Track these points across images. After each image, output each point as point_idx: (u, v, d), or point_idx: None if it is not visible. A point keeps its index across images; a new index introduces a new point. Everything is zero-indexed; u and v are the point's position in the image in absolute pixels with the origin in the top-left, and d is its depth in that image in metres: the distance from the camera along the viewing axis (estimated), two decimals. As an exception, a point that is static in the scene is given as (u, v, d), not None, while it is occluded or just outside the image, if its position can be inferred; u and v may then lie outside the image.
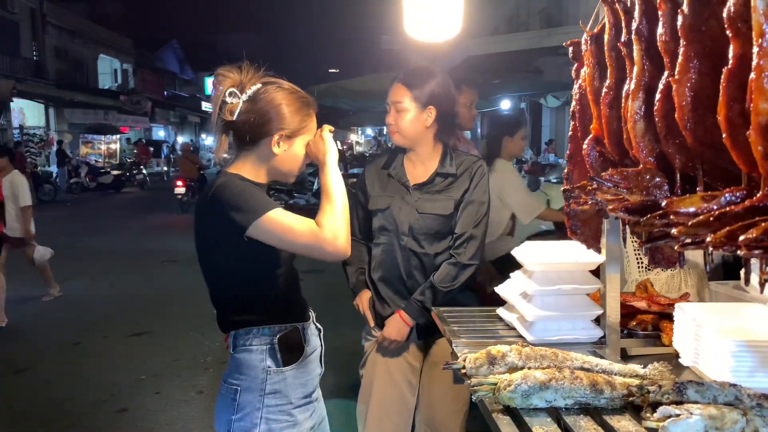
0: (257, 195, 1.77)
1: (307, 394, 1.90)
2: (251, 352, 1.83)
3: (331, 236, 1.73)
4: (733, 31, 0.91)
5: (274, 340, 1.83)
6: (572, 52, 1.63)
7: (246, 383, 1.83)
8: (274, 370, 1.82)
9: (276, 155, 1.84)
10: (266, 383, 1.82)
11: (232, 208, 1.73)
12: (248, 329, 1.84)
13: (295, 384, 1.86)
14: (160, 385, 4.73)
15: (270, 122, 1.80)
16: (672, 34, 1.10)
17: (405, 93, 2.47)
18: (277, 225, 1.72)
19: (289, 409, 1.85)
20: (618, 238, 1.81)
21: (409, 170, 2.57)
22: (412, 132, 2.50)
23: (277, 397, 1.83)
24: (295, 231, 1.73)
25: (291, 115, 1.83)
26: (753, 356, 1.52)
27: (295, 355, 1.86)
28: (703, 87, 1.02)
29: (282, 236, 1.73)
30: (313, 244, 1.73)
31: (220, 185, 1.78)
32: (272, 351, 1.83)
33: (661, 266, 1.44)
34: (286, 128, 1.82)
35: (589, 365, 1.60)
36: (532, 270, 2.02)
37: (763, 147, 0.86)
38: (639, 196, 1.16)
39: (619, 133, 1.32)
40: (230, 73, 1.81)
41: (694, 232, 0.92)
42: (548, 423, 1.40)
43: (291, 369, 1.85)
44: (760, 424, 1.20)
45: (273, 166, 1.87)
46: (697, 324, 1.67)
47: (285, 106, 1.82)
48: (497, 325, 2.18)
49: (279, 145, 1.83)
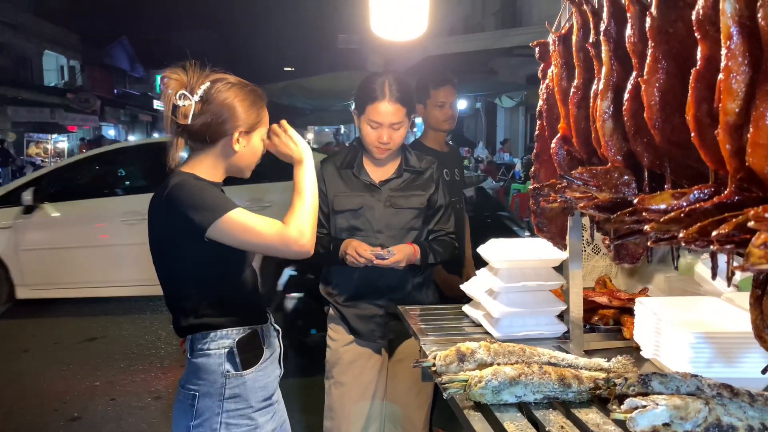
0: (216, 194, 1.74)
1: (267, 396, 1.88)
2: (209, 357, 1.80)
3: (297, 234, 1.73)
4: (702, 34, 0.94)
5: (233, 343, 1.80)
6: (538, 52, 1.66)
7: (204, 388, 1.79)
8: (233, 374, 1.80)
9: (236, 152, 1.82)
10: (225, 387, 1.79)
11: (190, 207, 1.69)
12: (206, 333, 1.80)
13: (255, 387, 1.83)
14: (115, 391, 4.59)
15: (228, 121, 1.78)
16: (640, 35, 1.13)
17: (402, 110, 2.43)
18: (238, 225, 1.69)
19: (250, 413, 1.82)
20: (580, 235, 1.85)
21: (370, 169, 2.55)
22: (400, 143, 2.51)
23: (236, 401, 1.80)
24: (258, 231, 1.71)
25: (246, 110, 1.81)
26: (711, 347, 1.58)
27: (254, 358, 1.84)
28: (670, 87, 1.06)
29: (243, 236, 1.70)
30: (277, 243, 1.71)
31: (177, 184, 1.74)
32: (231, 355, 1.80)
33: (626, 262, 1.48)
34: (244, 124, 1.80)
35: (556, 360, 1.63)
36: (497, 267, 2.05)
37: (730, 146, 0.89)
38: (608, 193, 1.19)
39: (587, 132, 1.35)
40: (176, 75, 1.77)
41: (666, 229, 0.95)
42: (518, 418, 1.42)
43: (250, 372, 1.82)
44: (722, 413, 1.24)
45: (233, 163, 1.85)
46: (657, 318, 1.72)
47: (239, 102, 1.80)
48: (463, 322, 2.20)
49: (239, 141, 1.81)
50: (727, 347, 1.58)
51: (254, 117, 1.82)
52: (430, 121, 3.17)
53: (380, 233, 2.50)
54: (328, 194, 2.54)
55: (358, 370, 2.54)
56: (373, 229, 2.49)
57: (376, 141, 2.45)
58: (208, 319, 1.81)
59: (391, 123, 2.41)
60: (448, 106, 3.12)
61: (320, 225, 2.55)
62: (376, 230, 2.49)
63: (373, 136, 2.44)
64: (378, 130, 2.43)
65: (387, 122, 2.41)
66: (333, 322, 2.60)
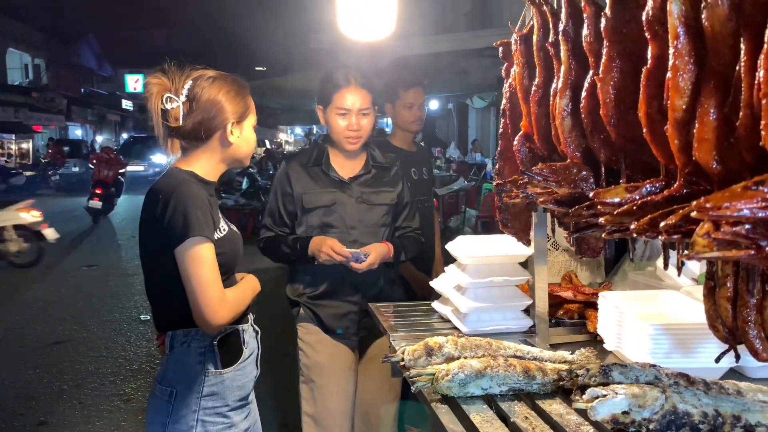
0: (197, 219, 1.72)
1: (243, 396, 1.89)
2: (189, 354, 1.80)
3: (224, 312, 1.74)
4: (651, 34, 0.98)
5: (214, 342, 1.80)
6: (502, 51, 1.69)
7: (183, 385, 1.79)
8: (212, 372, 1.80)
9: (232, 144, 1.85)
10: (204, 385, 1.79)
11: (171, 219, 1.70)
12: (187, 330, 1.80)
13: (233, 386, 1.84)
14: (83, 395, 4.52)
15: (218, 115, 1.81)
16: (596, 35, 1.17)
17: (368, 97, 2.47)
18: (191, 261, 1.70)
19: (225, 411, 1.83)
20: (545, 231, 1.90)
21: (338, 165, 2.55)
22: (369, 134, 2.52)
23: (214, 399, 1.80)
24: (201, 279, 1.71)
25: (233, 101, 1.83)
26: (669, 339, 1.63)
27: (234, 357, 1.84)
28: (624, 85, 1.09)
29: (188, 273, 1.71)
30: (203, 303, 1.71)
31: (174, 185, 1.75)
32: (211, 353, 1.80)
33: (587, 255, 1.52)
34: (233, 115, 1.83)
35: (522, 353, 1.67)
36: (465, 263, 2.08)
37: (679, 141, 0.93)
38: (567, 188, 1.23)
39: (547, 129, 1.39)
40: (157, 79, 1.79)
41: (619, 221, 0.99)
42: (485, 410, 1.45)
43: (229, 371, 1.83)
44: (678, 401, 1.29)
45: (230, 155, 1.87)
46: (618, 311, 1.77)
47: (225, 95, 1.82)
48: (432, 318, 2.23)
49: (233, 133, 1.84)
50: (685, 338, 1.63)
51: (242, 106, 1.86)
52: (398, 122, 3.19)
53: (353, 229, 2.50)
54: (294, 193, 2.52)
55: (336, 372, 2.52)
56: (347, 225, 2.50)
57: (346, 130, 2.46)
58: (190, 316, 1.79)
59: (359, 109, 2.45)
60: (416, 107, 3.13)
61: (282, 224, 2.55)
62: (350, 226, 2.50)
63: (342, 125, 2.46)
64: (347, 118, 2.45)
65: (355, 108, 2.45)
66: (304, 321, 2.58)
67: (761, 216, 0.71)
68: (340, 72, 2.48)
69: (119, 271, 2.30)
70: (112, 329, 5.90)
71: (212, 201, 1.84)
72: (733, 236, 0.75)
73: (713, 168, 0.89)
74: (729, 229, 0.74)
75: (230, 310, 1.78)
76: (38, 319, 6.42)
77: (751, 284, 1.06)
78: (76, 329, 6.05)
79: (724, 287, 1.11)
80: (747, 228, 0.75)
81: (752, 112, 0.80)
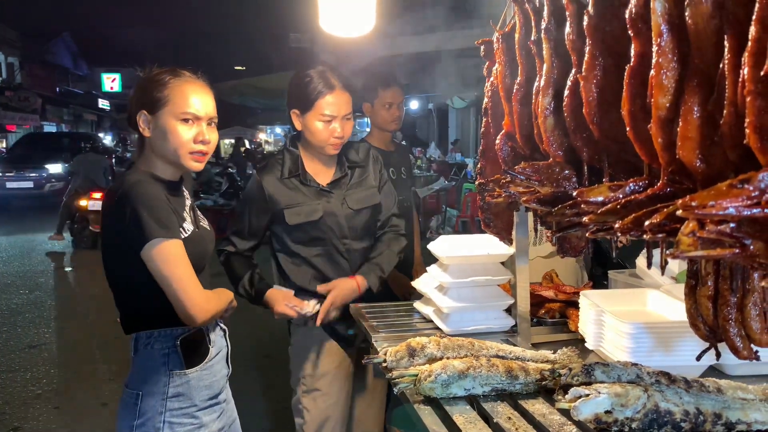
0: (157, 220, 1.69)
1: (212, 395, 1.86)
2: (153, 355, 1.78)
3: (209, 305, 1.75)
4: (635, 31, 0.98)
5: (177, 342, 1.78)
6: (483, 50, 1.68)
7: (148, 387, 1.77)
8: (176, 373, 1.78)
9: (149, 137, 1.80)
10: (168, 386, 1.77)
11: (131, 223, 1.67)
12: (150, 332, 1.79)
13: (200, 386, 1.82)
14: (59, 399, 4.43)
15: (131, 106, 1.81)
16: (578, 33, 1.16)
17: (350, 100, 2.37)
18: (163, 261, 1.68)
19: (193, 412, 1.80)
20: (526, 231, 1.89)
21: (315, 172, 2.43)
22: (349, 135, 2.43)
23: (180, 400, 1.78)
24: (178, 277, 1.69)
25: (144, 91, 1.79)
26: (650, 337, 1.64)
27: (199, 357, 1.82)
28: (607, 83, 1.09)
29: (162, 274, 1.68)
30: (186, 299, 1.69)
31: (132, 185, 1.71)
32: (175, 354, 1.78)
33: (569, 255, 1.52)
34: (143, 105, 1.78)
35: (504, 353, 1.67)
36: (446, 263, 2.07)
37: (662, 139, 0.93)
38: (550, 187, 1.22)
39: (529, 128, 1.38)
40: None
41: (603, 220, 0.98)
42: (468, 410, 1.44)
43: (195, 371, 1.80)
44: (659, 399, 1.29)
45: (157, 151, 1.80)
46: (599, 310, 1.77)
47: (139, 85, 1.82)
48: (414, 318, 2.22)
49: (143, 125, 1.79)
50: (666, 336, 1.64)
51: (154, 96, 1.77)
52: (377, 121, 3.17)
53: (346, 239, 2.40)
54: (274, 209, 2.37)
55: (332, 375, 2.44)
56: (338, 236, 2.39)
57: (330, 137, 2.33)
58: (153, 317, 1.78)
59: (344, 114, 2.33)
60: (395, 106, 3.11)
61: (251, 238, 2.41)
62: (341, 236, 2.40)
63: (326, 132, 2.32)
64: (331, 124, 2.32)
65: (341, 114, 2.32)
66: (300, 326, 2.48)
67: (746, 214, 0.70)
68: (322, 75, 2.33)
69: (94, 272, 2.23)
70: (88, 332, 5.80)
71: (174, 200, 1.81)
72: (718, 235, 0.74)
73: (697, 166, 0.89)
74: (714, 228, 0.74)
75: (212, 304, 1.77)
76: (13, 323, 6.29)
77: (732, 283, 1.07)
78: (51, 333, 5.95)
79: (705, 286, 1.11)
80: (732, 226, 0.74)
81: (736, 110, 0.80)
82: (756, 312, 1.07)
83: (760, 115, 0.73)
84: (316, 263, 2.40)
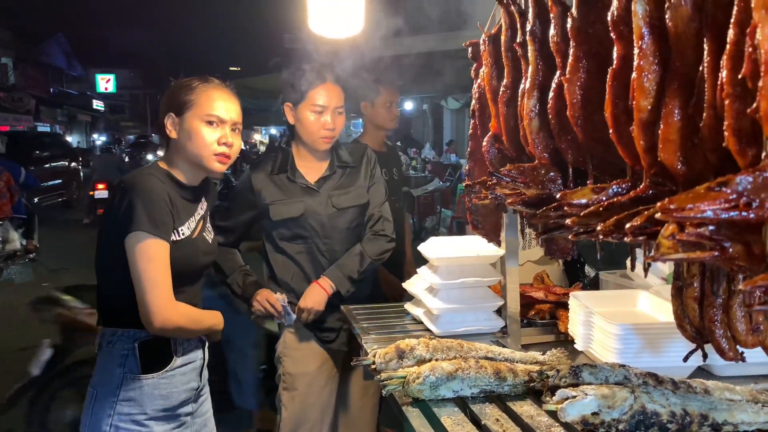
0: (148, 214, 1.68)
1: (168, 406, 1.80)
2: (112, 355, 1.76)
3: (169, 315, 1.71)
4: (617, 34, 0.98)
5: (135, 344, 1.75)
6: (471, 52, 1.68)
7: (102, 386, 1.76)
8: (130, 376, 1.74)
9: (175, 139, 1.82)
10: (120, 389, 1.74)
11: (128, 208, 1.68)
12: (114, 330, 1.77)
13: (154, 394, 1.76)
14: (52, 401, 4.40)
15: (162, 108, 1.85)
16: (563, 35, 1.16)
17: (342, 95, 2.40)
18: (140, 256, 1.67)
19: (143, 420, 1.75)
20: (516, 232, 1.90)
21: (304, 170, 2.45)
22: (341, 131, 2.45)
23: (130, 405, 1.74)
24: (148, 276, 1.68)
25: (172, 93, 1.84)
26: (638, 338, 1.64)
27: (159, 364, 1.78)
28: (591, 86, 1.09)
29: (136, 267, 1.68)
30: (148, 300, 1.68)
31: (137, 179, 1.74)
32: (133, 357, 1.75)
33: (556, 257, 1.52)
34: (170, 108, 1.82)
35: (493, 354, 1.67)
36: (436, 264, 2.07)
37: (644, 141, 0.93)
38: (535, 189, 1.22)
39: (516, 130, 1.38)
40: None
41: (586, 222, 0.98)
42: (456, 412, 1.44)
43: (150, 378, 1.76)
44: (646, 401, 1.29)
45: (183, 152, 1.83)
46: (588, 311, 1.77)
47: (169, 89, 1.87)
48: (405, 320, 2.22)
49: (170, 126, 1.82)
50: (654, 338, 1.64)
51: (181, 98, 1.82)
52: (376, 120, 3.20)
53: (327, 239, 2.42)
54: (260, 204, 2.41)
55: (312, 376, 2.44)
56: (320, 235, 2.41)
57: (321, 129, 2.36)
58: (120, 316, 1.77)
59: (335, 106, 2.37)
60: (394, 105, 3.19)
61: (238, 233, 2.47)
62: (323, 236, 2.41)
63: (317, 124, 2.36)
64: (322, 116, 2.36)
65: (332, 105, 2.37)
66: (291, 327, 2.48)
67: (724, 217, 0.70)
68: (315, 68, 2.38)
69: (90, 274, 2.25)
70: (82, 334, 5.77)
71: (183, 203, 1.80)
72: (698, 238, 0.74)
73: (678, 169, 0.89)
74: (693, 231, 0.74)
75: (179, 317, 1.74)
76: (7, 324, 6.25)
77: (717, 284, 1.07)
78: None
79: (691, 287, 1.11)
80: (711, 229, 0.75)
81: (715, 112, 0.80)
82: (741, 313, 1.07)
83: (738, 118, 0.73)
84: (299, 260, 2.45)
